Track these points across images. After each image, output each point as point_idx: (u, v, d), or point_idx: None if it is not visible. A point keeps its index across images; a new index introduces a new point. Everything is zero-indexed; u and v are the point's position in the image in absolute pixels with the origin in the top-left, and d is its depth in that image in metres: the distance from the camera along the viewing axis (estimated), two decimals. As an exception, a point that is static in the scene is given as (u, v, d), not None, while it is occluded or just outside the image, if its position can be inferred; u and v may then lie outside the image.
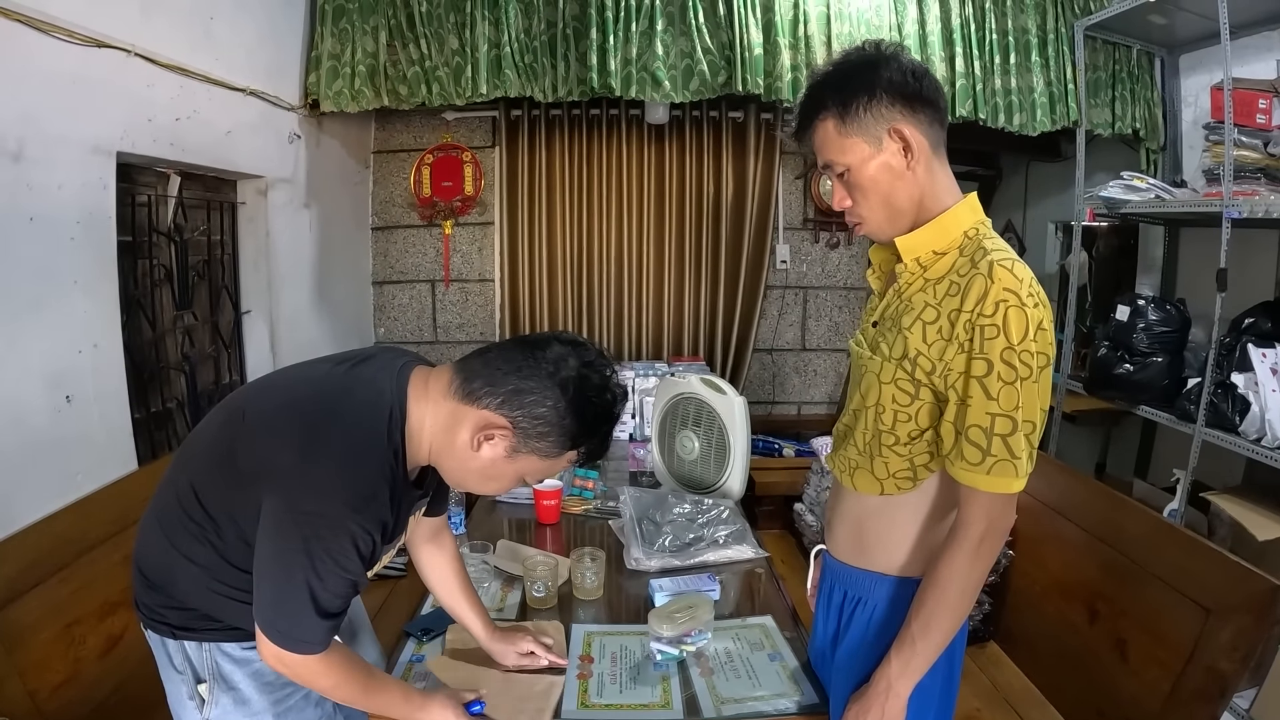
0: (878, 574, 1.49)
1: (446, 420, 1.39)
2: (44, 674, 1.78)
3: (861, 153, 1.36)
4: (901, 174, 1.36)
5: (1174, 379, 3.29)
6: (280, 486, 1.29)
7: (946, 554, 1.33)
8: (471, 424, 1.37)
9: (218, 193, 3.35)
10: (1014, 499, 1.32)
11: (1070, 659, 2.25)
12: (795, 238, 4.79)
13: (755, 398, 4.86)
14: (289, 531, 1.27)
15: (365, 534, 1.28)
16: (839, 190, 1.43)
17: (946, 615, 1.33)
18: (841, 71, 1.38)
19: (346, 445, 1.30)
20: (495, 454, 1.38)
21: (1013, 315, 1.22)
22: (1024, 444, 1.25)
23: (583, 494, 2.79)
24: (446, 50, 3.61)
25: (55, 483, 2.20)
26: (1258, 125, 3.07)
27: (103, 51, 2.43)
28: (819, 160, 1.43)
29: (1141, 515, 2.19)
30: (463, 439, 1.37)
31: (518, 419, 1.36)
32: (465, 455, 1.38)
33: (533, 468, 1.43)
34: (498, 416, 1.36)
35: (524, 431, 1.37)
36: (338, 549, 1.27)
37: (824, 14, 3.62)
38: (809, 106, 1.40)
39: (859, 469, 1.48)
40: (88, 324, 2.41)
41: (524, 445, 1.38)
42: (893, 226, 1.41)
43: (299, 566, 1.26)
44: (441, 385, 1.41)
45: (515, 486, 1.50)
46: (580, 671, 1.74)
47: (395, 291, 4.81)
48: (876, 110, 1.34)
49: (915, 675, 1.36)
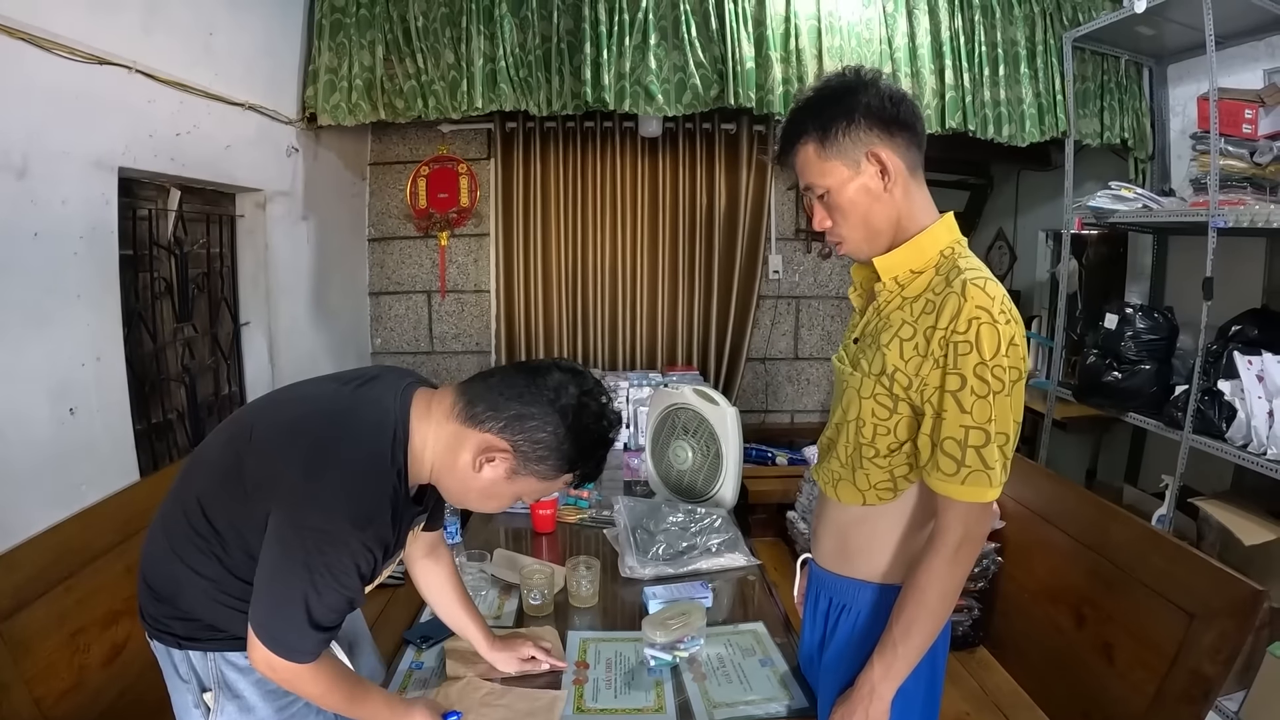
0: (861, 581, 1.53)
1: (449, 441, 1.43)
2: (49, 681, 1.81)
3: (840, 175, 1.40)
4: (879, 196, 1.41)
5: (1162, 386, 3.32)
6: (286, 501, 1.33)
7: (925, 561, 1.37)
8: (474, 446, 1.42)
9: (217, 206, 3.39)
10: (989, 507, 1.35)
11: (1058, 663, 2.28)
12: (787, 248, 4.83)
13: (748, 407, 4.90)
14: (292, 544, 1.31)
15: (366, 552, 1.33)
16: (819, 211, 1.47)
17: (926, 619, 1.37)
18: (822, 96, 1.42)
19: (352, 463, 1.35)
20: (496, 475, 1.44)
21: (985, 332, 1.27)
22: (997, 455, 1.30)
23: (578, 503, 2.82)
24: (442, 64, 3.65)
25: (60, 493, 2.23)
26: (1244, 135, 3.11)
27: (105, 68, 2.46)
28: (800, 182, 1.48)
29: (1127, 522, 2.22)
30: (464, 460, 1.42)
31: (519, 443, 1.42)
32: (466, 476, 1.43)
33: (530, 488, 1.49)
34: (499, 440, 1.41)
35: (524, 455, 1.42)
36: (338, 565, 1.31)
37: (815, 28, 3.66)
38: (791, 130, 1.45)
39: (842, 480, 1.52)
40: (91, 337, 2.44)
41: (524, 468, 1.44)
42: (871, 246, 1.45)
43: (299, 579, 1.30)
44: (444, 407, 1.46)
45: (512, 504, 1.56)
46: (576, 677, 1.78)
47: (392, 302, 4.83)
48: (855, 134, 1.38)
49: (898, 678, 1.40)
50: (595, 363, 4.72)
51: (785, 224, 4.82)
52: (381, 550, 1.36)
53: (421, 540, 1.79)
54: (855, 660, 1.50)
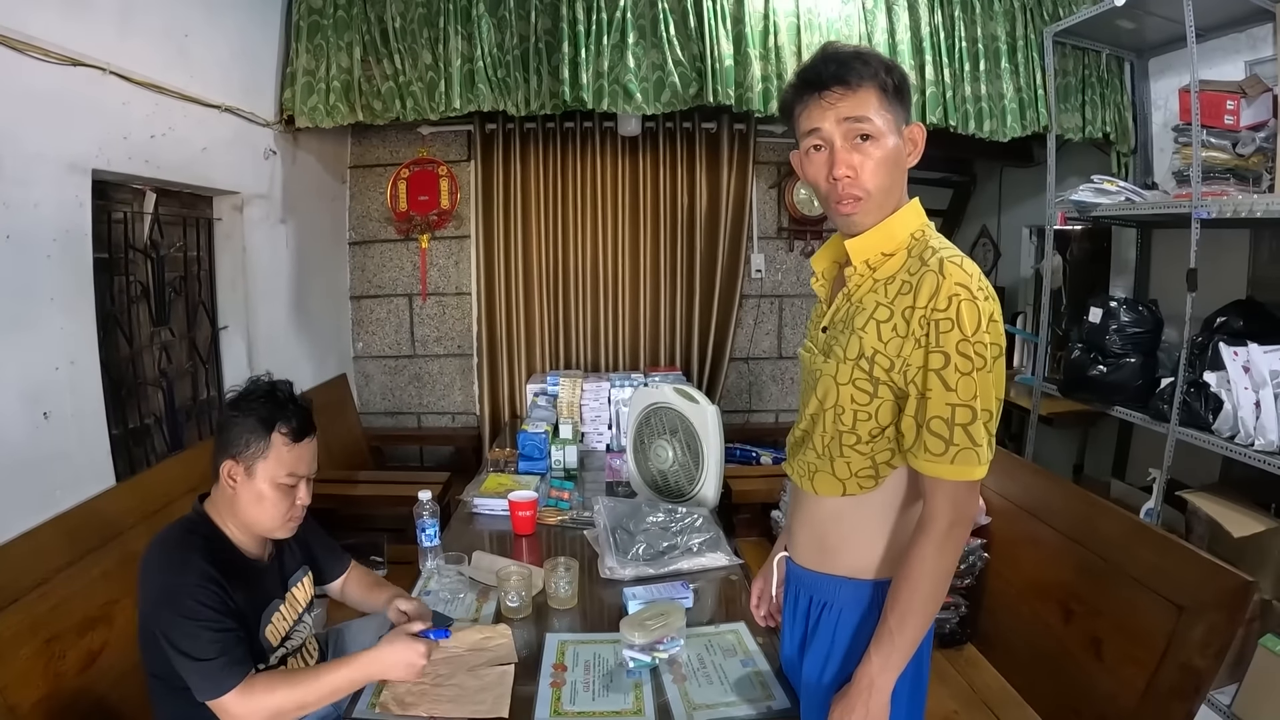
0: (841, 578, 1.50)
1: (222, 496, 1.77)
2: (24, 689, 1.79)
3: (891, 127, 1.38)
4: (902, 166, 1.42)
5: (1147, 379, 3.31)
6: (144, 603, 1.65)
7: (916, 547, 1.36)
8: (222, 480, 1.75)
9: (194, 209, 3.35)
10: (977, 486, 1.35)
11: (1046, 659, 2.27)
12: (770, 246, 4.82)
13: (732, 406, 4.89)
14: (162, 625, 1.58)
15: (200, 588, 1.59)
16: (849, 156, 1.38)
17: (921, 606, 1.36)
18: (879, 57, 1.40)
19: (158, 545, 1.69)
20: (242, 481, 1.74)
21: (965, 308, 1.26)
22: (983, 432, 1.29)
23: (558, 504, 2.80)
24: (420, 65, 3.63)
25: (33, 499, 2.19)
26: (1226, 126, 3.11)
27: (78, 70, 2.43)
28: (845, 115, 1.37)
29: (1114, 516, 2.21)
30: (227, 494, 1.75)
31: (229, 449, 1.74)
32: (235, 501, 1.75)
33: (270, 469, 1.75)
34: (225, 460, 1.74)
35: (238, 451, 1.73)
36: (187, 609, 1.57)
37: (794, 24, 3.64)
38: (861, 66, 1.37)
39: (818, 472, 1.50)
40: (65, 341, 2.41)
41: (249, 460, 1.74)
42: (879, 211, 1.42)
43: (180, 639, 1.56)
44: (214, 489, 1.80)
45: (284, 499, 1.79)
46: (554, 680, 1.75)
47: (373, 306, 4.81)
48: (904, 106, 1.40)
49: (896, 669, 1.38)
50: (578, 365, 4.71)
51: (767, 222, 4.81)
52: (213, 582, 1.62)
53: (352, 585, 2.15)
54: (840, 659, 1.48)
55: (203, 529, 1.73)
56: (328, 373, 4.41)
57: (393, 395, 4.91)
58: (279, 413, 1.76)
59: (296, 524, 1.85)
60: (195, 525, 1.74)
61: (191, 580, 1.58)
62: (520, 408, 4.58)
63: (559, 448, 3.21)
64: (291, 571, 1.91)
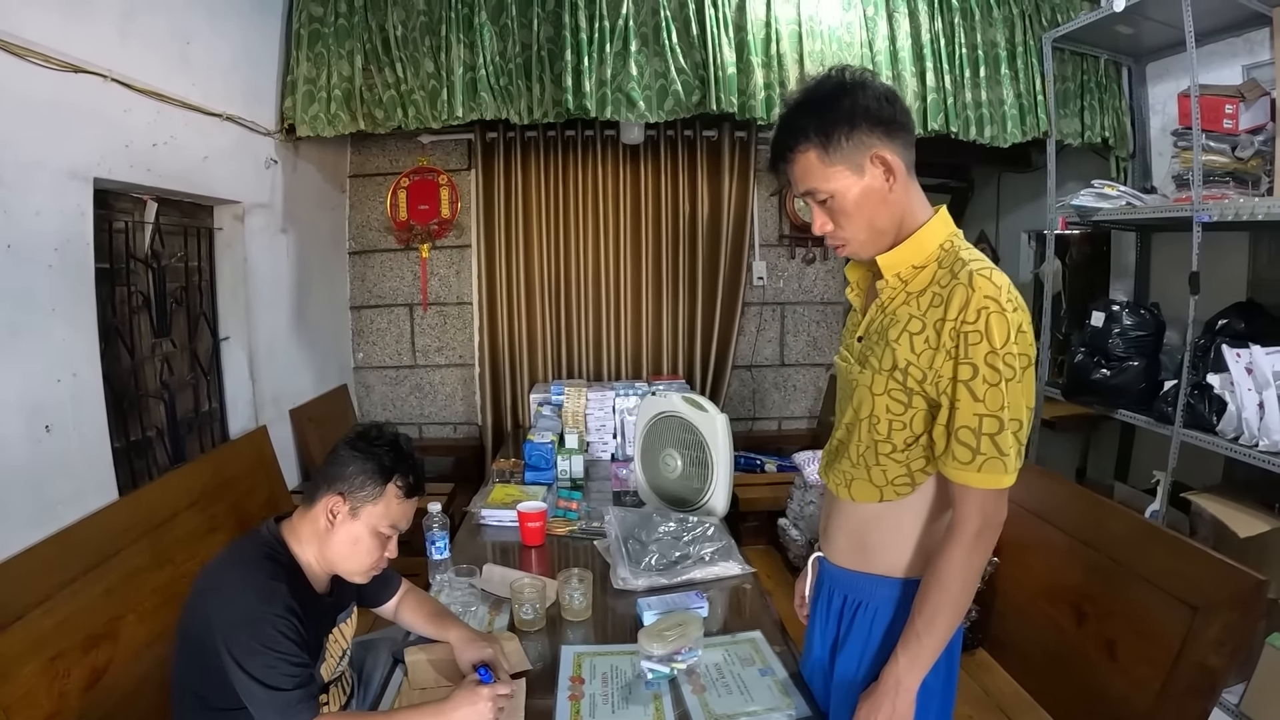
0: (880, 576, 1.53)
1: (309, 529, 1.73)
2: (28, 709, 1.77)
3: (845, 180, 1.39)
4: (884, 197, 1.41)
5: (1150, 382, 3.32)
6: (213, 623, 1.55)
7: (945, 550, 1.38)
8: (320, 513, 1.71)
9: (195, 218, 3.34)
10: (1005, 493, 1.37)
11: (1059, 662, 2.26)
12: (771, 254, 4.83)
13: (736, 414, 4.88)
14: (235, 649, 1.52)
15: (281, 619, 1.56)
16: (820, 216, 1.46)
17: (949, 608, 1.38)
18: (817, 100, 1.40)
19: (240, 566, 1.64)
20: (344, 520, 1.71)
21: (994, 321, 1.27)
22: (1011, 441, 1.31)
23: (567, 515, 2.78)
24: (422, 74, 3.62)
25: (35, 513, 2.16)
26: (1225, 130, 3.12)
27: (79, 76, 2.41)
28: (798, 189, 1.46)
29: (1124, 517, 2.21)
30: (322, 527, 1.71)
31: (340, 486, 1.70)
32: (330, 539, 1.72)
33: (377, 516, 1.72)
34: (331, 495, 1.70)
35: (351, 491, 1.70)
36: (268, 638, 1.53)
37: (796, 32, 3.65)
38: (787, 138, 1.43)
39: (855, 480, 1.52)
40: (66, 352, 2.38)
41: (358, 502, 1.70)
42: (875, 246, 1.45)
43: (255, 668, 1.52)
44: (298, 514, 1.77)
45: (377, 548, 1.76)
46: (572, 693, 1.74)
47: (373, 316, 4.80)
48: (858, 138, 1.37)
49: (922, 670, 1.40)
50: (580, 374, 4.70)
51: (769, 230, 4.82)
52: (298, 620, 1.58)
53: (390, 604, 2.06)
54: (875, 657, 1.51)
55: (283, 557, 1.70)
56: (328, 383, 4.40)
57: (394, 406, 4.89)
58: (400, 464, 1.74)
59: (375, 574, 1.83)
60: (275, 551, 1.69)
61: (278, 610, 1.56)
62: (523, 417, 4.57)
63: (565, 457, 3.20)
64: (343, 607, 1.89)
